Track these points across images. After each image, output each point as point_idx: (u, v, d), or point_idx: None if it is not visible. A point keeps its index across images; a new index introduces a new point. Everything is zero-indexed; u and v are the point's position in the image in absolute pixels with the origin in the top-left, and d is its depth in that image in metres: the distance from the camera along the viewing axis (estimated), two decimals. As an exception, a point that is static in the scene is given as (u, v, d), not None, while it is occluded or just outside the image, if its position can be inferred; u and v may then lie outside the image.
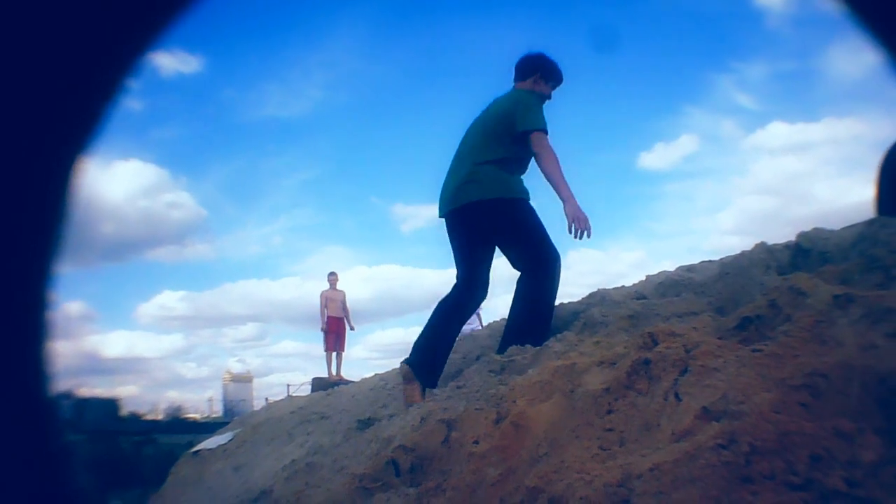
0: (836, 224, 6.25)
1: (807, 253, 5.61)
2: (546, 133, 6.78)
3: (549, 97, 7.25)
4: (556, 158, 6.65)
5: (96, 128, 1.91)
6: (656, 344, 3.96)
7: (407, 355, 6.76)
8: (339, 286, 20.84)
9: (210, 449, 10.83)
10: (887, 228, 5.20)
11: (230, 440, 10.73)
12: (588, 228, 6.37)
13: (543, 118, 6.91)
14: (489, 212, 6.73)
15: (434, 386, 6.59)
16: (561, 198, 6.53)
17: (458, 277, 6.93)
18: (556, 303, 7.01)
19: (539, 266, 6.76)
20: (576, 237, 6.35)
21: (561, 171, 6.62)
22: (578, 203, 6.40)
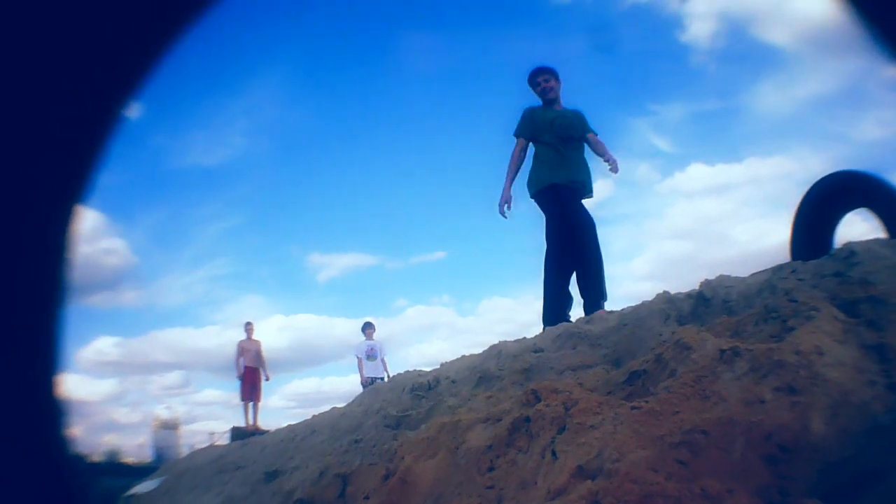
0: (753, 267, 6.27)
1: (708, 302, 5.61)
2: (515, 137, 9.00)
3: (542, 99, 9.08)
4: (510, 159, 8.98)
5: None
6: (539, 401, 3.95)
7: (323, 407, 7.36)
8: (255, 335, 20.80)
9: (140, 494, 11.16)
10: (793, 275, 5.19)
11: (157, 487, 11.17)
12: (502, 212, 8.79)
13: (518, 125, 9.04)
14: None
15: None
16: None
17: None
18: (457, 356, 7.80)
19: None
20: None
21: (507, 171, 8.96)
22: (502, 197, 8.82)
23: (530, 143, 9.01)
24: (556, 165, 8.78)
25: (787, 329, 3.78)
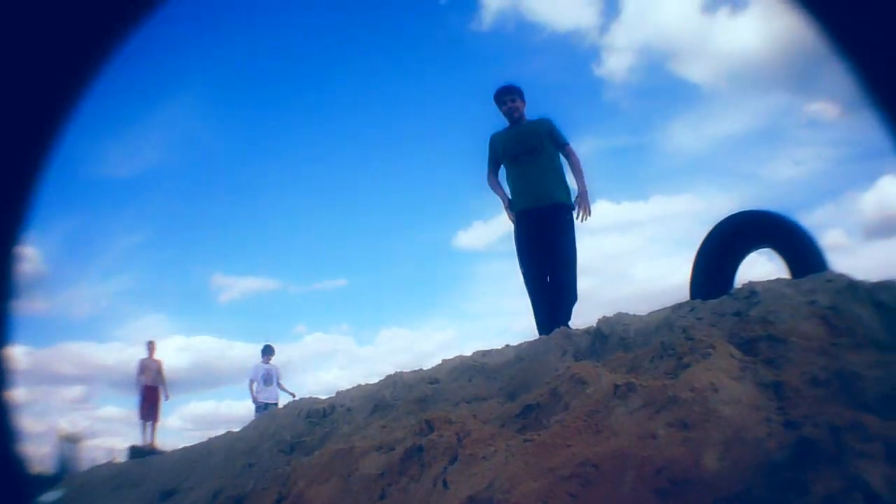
0: (654, 305, 6.34)
1: (606, 339, 5.66)
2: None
3: (508, 119, 9.04)
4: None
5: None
6: (431, 430, 3.95)
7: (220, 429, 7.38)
8: (156, 355, 20.67)
9: None
10: (692, 313, 5.26)
11: (59, 498, 11.22)
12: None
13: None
14: None
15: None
16: None
17: None
18: (354, 385, 7.89)
19: None
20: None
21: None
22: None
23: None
24: (514, 191, 8.87)
25: (682, 366, 3.83)
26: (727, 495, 2.86)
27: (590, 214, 8.46)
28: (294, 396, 15.97)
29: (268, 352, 17.88)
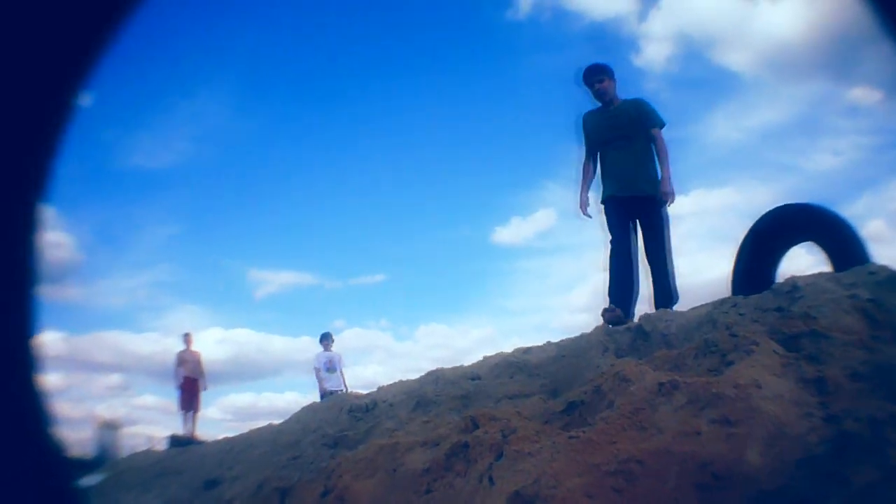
0: (693, 301, 6.34)
1: (647, 336, 5.68)
2: None
3: (598, 101, 8.51)
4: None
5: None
6: (476, 427, 4.00)
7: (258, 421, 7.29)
8: (194, 346, 20.68)
9: (84, 489, 11.24)
10: (734, 309, 5.28)
11: (100, 483, 11.21)
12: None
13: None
14: None
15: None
16: None
17: None
18: (393, 380, 7.95)
19: None
20: None
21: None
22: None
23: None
24: (604, 176, 8.51)
25: (726, 363, 3.87)
26: (770, 490, 2.93)
27: (673, 201, 8.10)
28: (347, 389, 16.07)
29: (326, 338, 17.51)
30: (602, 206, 8.32)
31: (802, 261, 7.66)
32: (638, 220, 8.09)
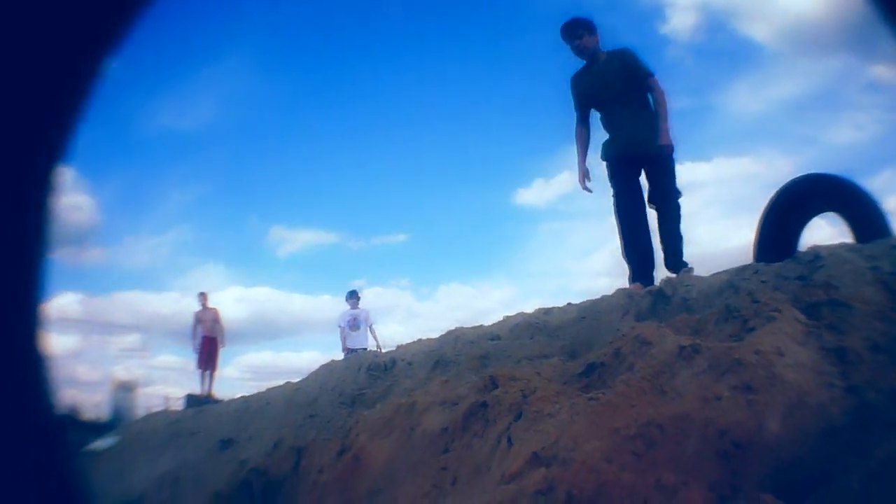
0: (714, 268, 6.32)
1: (668, 300, 5.67)
2: None
3: (579, 58, 8.16)
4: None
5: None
6: (496, 387, 4.01)
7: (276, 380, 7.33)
8: (211, 304, 20.73)
9: (98, 451, 11.38)
10: (756, 276, 5.26)
11: (114, 444, 11.52)
12: None
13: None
14: None
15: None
16: None
17: None
18: (413, 340, 8.01)
19: None
20: None
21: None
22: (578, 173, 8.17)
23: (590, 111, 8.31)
24: (609, 137, 8.18)
25: (747, 329, 3.85)
26: (790, 458, 2.94)
27: (672, 150, 7.86)
28: (379, 348, 15.65)
29: (352, 296, 17.36)
30: (605, 163, 8.15)
31: (824, 231, 7.62)
32: (648, 171, 7.91)
